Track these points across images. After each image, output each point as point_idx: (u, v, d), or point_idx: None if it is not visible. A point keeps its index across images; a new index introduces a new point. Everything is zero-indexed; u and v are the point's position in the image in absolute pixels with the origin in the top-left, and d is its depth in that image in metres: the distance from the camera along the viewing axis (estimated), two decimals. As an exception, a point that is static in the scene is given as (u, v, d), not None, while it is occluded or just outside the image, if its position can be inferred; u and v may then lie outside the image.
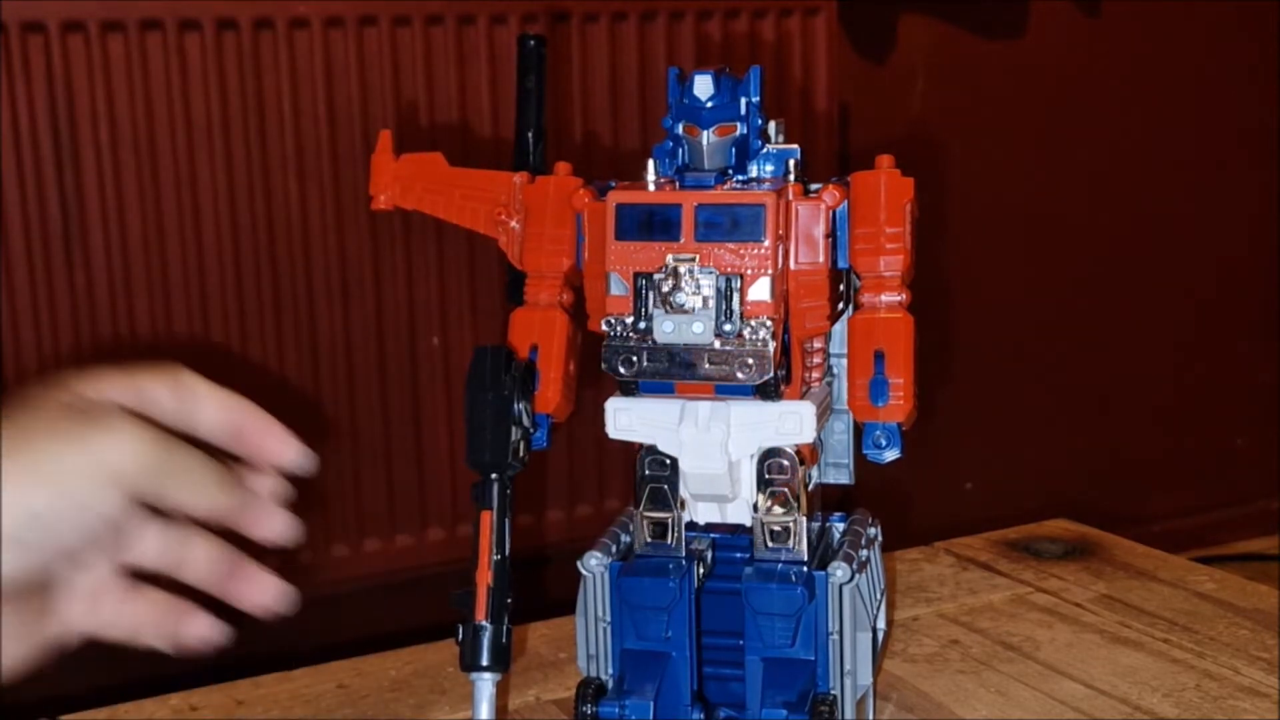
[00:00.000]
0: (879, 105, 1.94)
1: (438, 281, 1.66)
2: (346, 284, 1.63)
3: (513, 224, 0.63)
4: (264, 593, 0.57)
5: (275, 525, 0.58)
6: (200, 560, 0.57)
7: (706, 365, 0.57)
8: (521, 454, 0.58)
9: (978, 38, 2.02)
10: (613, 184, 0.60)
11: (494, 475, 0.58)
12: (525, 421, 0.58)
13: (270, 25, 1.55)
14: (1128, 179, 2.14)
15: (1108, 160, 2.09)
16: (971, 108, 2.00)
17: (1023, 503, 1.53)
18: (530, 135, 0.65)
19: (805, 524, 0.61)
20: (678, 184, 0.59)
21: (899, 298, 0.59)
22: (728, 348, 0.57)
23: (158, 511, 0.54)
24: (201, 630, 0.57)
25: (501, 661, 0.58)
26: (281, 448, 0.58)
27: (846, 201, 0.59)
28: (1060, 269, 2.11)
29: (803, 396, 0.61)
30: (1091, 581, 0.90)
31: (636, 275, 0.57)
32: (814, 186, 0.60)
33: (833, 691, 0.61)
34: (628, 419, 0.60)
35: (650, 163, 0.60)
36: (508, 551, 0.58)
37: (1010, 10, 2.05)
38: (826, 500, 0.67)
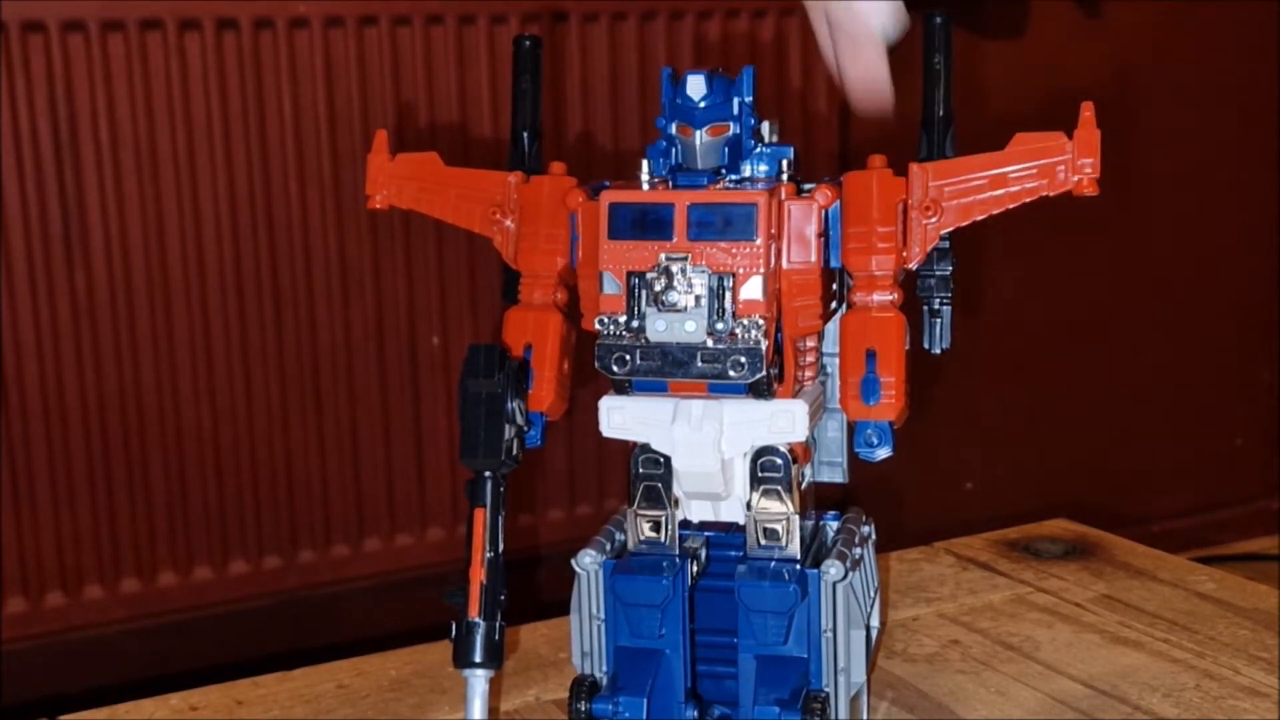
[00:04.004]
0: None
1: (438, 281, 1.66)
2: (346, 284, 1.63)
3: (507, 223, 0.64)
4: None
5: None
6: None
7: (699, 363, 0.58)
8: (515, 451, 0.58)
9: (978, 38, 2.02)
10: (606, 184, 0.61)
11: (487, 473, 0.58)
12: (518, 419, 0.58)
13: (270, 25, 1.55)
14: (1127, 178, 2.13)
15: (1107, 159, 2.09)
16: (971, 108, 2.00)
17: (1023, 503, 1.53)
18: (526, 135, 0.65)
19: (798, 522, 0.61)
20: (671, 184, 0.60)
21: (891, 296, 0.60)
22: (720, 346, 0.57)
23: None
24: None
25: (494, 658, 0.58)
26: None
27: (839, 201, 0.60)
28: (1060, 268, 2.11)
29: (795, 395, 0.61)
30: (1091, 581, 0.90)
31: (629, 274, 0.58)
32: (807, 186, 0.61)
33: (825, 689, 0.61)
34: (621, 417, 0.61)
35: (644, 163, 0.60)
36: (501, 549, 0.58)
37: (1010, 10, 2.05)
38: (826, 499, 0.67)
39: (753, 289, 0.57)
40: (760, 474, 0.61)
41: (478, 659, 0.58)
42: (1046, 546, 0.96)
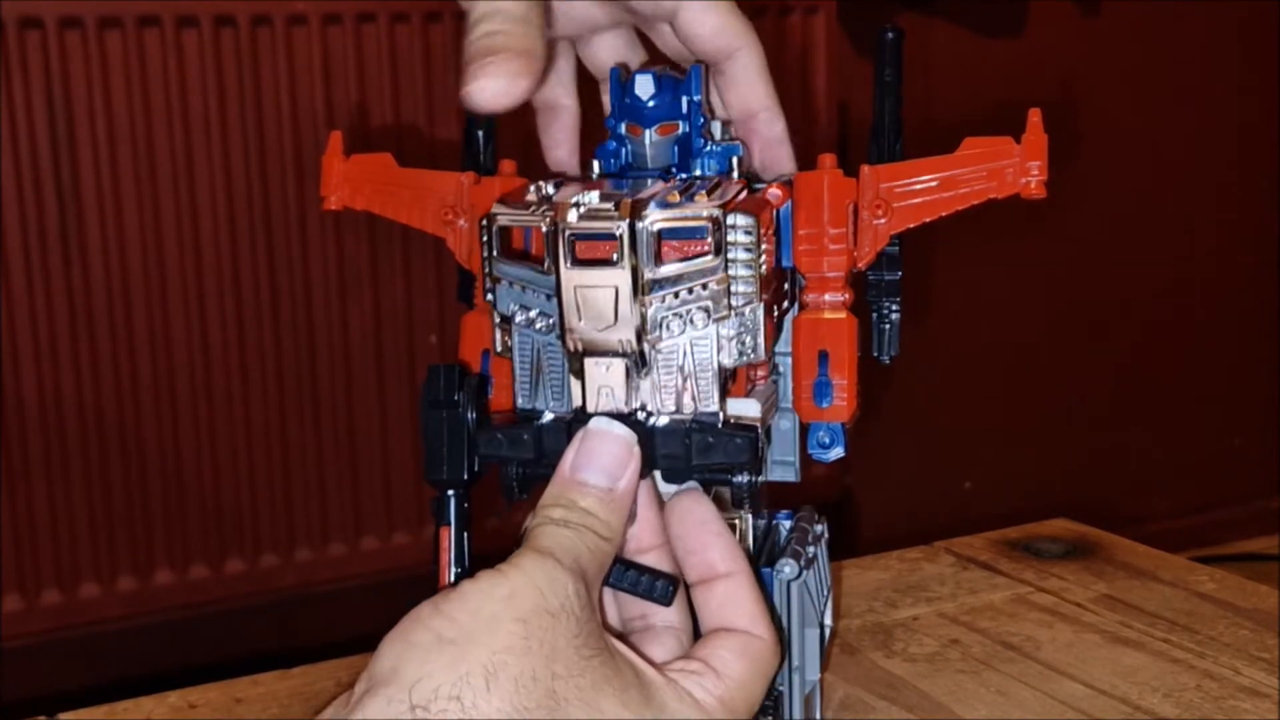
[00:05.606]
0: (878, 104, 1.94)
1: (435, 279, 1.66)
2: (344, 281, 1.63)
3: (460, 224, 0.63)
4: None
5: None
6: None
7: None
8: (477, 468, 0.58)
9: (977, 37, 2.02)
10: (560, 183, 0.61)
11: (450, 491, 0.58)
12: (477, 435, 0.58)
13: (268, 22, 1.55)
14: (1127, 178, 2.14)
15: (1106, 160, 2.09)
16: (970, 107, 2.00)
17: (1023, 503, 1.53)
18: (480, 135, 0.65)
19: (751, 521, 0.61)
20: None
21: (842, 297, 0.60)
22: None
23: None
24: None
25: None
26: None
27: (790, 200, 0.60)
28: (1059, 268, 2.11)
29: (748, 394, 0.61)
30: (1092, 581, 0.90)
31: None
32: (758, 185, 0.61)
33: (779, 688, 0.61)
34: None
35: (595, 163, 0.60)
36: (468, 564, 0.58)
37: (1009, 10, 2.05)
38: (825, 499, 0.67)
39: None
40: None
41: None
42: (1047, 546, 0.95)
